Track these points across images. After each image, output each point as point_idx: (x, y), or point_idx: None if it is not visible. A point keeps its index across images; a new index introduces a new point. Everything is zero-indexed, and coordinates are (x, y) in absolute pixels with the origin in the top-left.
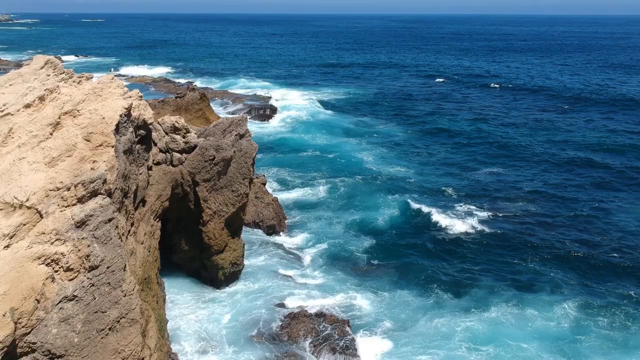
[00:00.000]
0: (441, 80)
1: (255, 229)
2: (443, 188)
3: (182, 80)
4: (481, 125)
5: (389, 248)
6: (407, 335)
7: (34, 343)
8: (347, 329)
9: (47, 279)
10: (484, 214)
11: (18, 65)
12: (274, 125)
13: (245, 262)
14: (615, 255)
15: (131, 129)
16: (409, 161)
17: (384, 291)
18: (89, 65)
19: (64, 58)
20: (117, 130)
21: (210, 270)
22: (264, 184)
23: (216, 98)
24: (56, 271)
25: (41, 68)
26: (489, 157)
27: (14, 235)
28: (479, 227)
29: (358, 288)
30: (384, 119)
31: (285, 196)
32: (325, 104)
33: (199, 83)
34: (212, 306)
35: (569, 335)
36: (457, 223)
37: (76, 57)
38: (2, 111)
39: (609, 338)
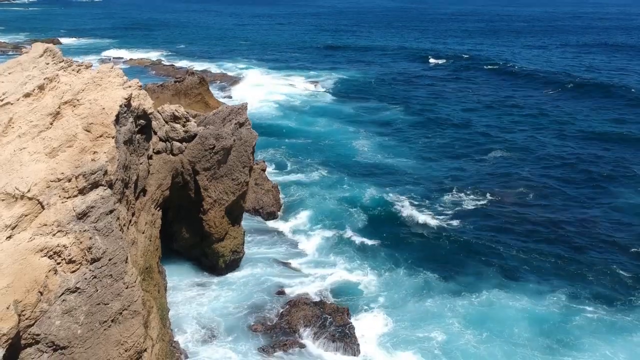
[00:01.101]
0: (443, 62)
1: (255, 216)
2: (437, 175)
3: (181, 63)
4: (483, 110)
5: (381, 233)
6: (404, 316)
7: (37, 334)
8: (347, 316)
9: (49, 271)
10: (476, 202)
11: (15, 47)
12: (267, 110)
13: (246, 249)
14: (607, 245)
15: (131, 119)
16: (407, 148)
17: (378, 274)
18: (88, 48)
19: (63, 40)
20: (117, 120)
21: (210, 258)
22: (264, 170)
23: (216, 81)
24: (58, 263)
25: (40, 56)
26: (486, 144)
27: (15, 226)
28: (471, 214)
29: (353, 271)
30: (383, 104)
31: (276, 181)
32: (322, 88)
33: (197, 66)
34: (213, 294)
35: (558, 318)
36: (449, 209)
37: (75, 39)
38: (1, 100)
39: (597, 321)
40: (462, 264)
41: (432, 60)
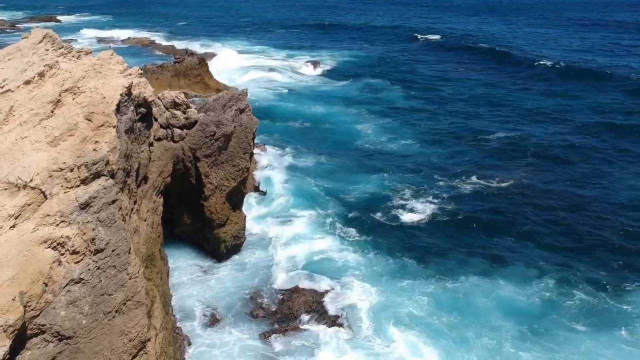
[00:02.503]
0: (446, 42)
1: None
2: (436, 158)
3: (180, 42)
4: (485, 92)
5: (376, 217)
6: (390, 298)
7: (43, 325)
8: (346, 301)
9: (53, 262)
10: (473, 186)
11: (12, 25)
12: (267, 92)
13: (246, 234)
14: (603, 232)
15: (132, 108)
16: (409, 130)
17: (367, 257)
18: (86, 25)
19: (62, 18)
20: (118, 110)
21: (212, 243)
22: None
23: (215, 61)
24: (62, 254)
25: (39, 42)
26: (487, 127)
27: (19, 215)
28: (466, 200)
29: (343, 253)
30: (385, 85)
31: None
32: (323, 68)
33: (196, 44)
34: (214, 279)
35: (540, 307)
36: (445, 194)
37: (74, 17)
38: (2, 87)
39: (582, 311)
40: (453, 250)
41: (433, 39)
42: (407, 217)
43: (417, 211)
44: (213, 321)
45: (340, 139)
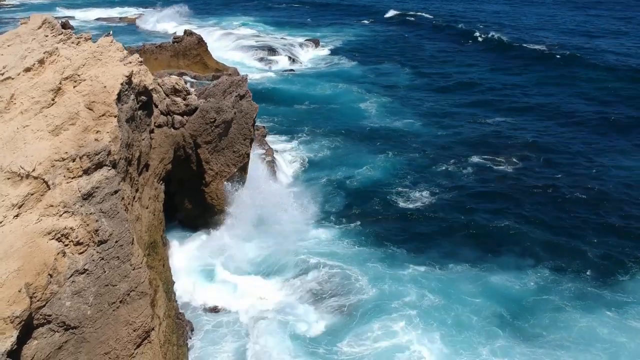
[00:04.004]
0: (447, 24)
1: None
2: (438, 141)
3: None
4: (488, 76)
5: (373, 205)
6: (381, 286)
7: (49, 315)
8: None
9: (58, 253)
10: (475, 170)
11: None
12: (268, 73)
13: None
14: (604, 220)
15: (132, 97)
16: (411, 111)
17: (362, 246)
18: (78, 3)
19: None
20: (119, 99)
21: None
22: (264, 137)
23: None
24: (66, 245)
25: (39, 28)
26: (490, 109)
27: (22, 205)
28: (465, 186)
29: (343, 244)
30: (388, 65)
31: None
32: (325, 48)
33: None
34: (216, 265)
35: (530, 296)
36: (444, 180)
37: None
38: (2, 74)
39: (574, 302)
40: (446, 237)
41: (437, 20)
42: (405, 203)
43: (415, 197)
44: (214, 306)
45: (344, 120)
